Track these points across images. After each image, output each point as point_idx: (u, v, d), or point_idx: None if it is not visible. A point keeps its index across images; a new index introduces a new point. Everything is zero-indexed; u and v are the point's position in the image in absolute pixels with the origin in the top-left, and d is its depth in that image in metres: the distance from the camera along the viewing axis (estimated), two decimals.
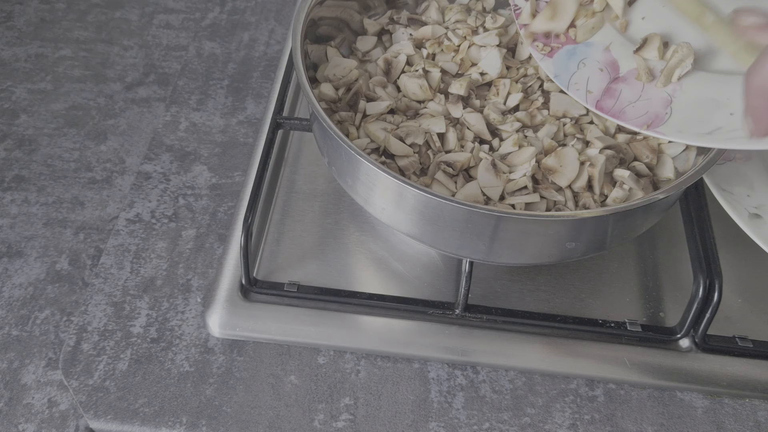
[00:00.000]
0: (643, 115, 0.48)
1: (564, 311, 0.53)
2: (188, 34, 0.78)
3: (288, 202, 0.59)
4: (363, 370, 0.50)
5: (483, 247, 0.45)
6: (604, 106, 0.50)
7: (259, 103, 0.69)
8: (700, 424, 0.49)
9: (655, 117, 0.47)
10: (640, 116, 0.48)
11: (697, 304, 0.49)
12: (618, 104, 0.49)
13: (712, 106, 0.46)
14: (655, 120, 0.47)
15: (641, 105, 0.49)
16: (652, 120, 0.47)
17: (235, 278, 0.53)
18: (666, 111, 0.47)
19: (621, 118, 0.49)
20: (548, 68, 0.53)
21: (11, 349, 0.52)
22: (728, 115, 0.45)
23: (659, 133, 0.47)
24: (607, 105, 0.50)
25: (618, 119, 0.49)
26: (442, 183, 0.48)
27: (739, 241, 0.53)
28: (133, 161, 0.65)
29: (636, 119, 0.48)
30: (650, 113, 0.48)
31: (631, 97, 0.49)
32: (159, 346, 0.51)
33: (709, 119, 0.46)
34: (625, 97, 0.50)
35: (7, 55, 0.74)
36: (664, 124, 0.47)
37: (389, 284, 0.54)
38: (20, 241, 0.58)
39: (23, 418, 0.49)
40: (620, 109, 0.49)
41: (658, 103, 0.48)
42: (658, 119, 0.47)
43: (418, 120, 0.52)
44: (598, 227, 0.45)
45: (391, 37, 0.61)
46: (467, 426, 0.48)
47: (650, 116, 0.48)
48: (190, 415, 0.48)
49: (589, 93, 0.51)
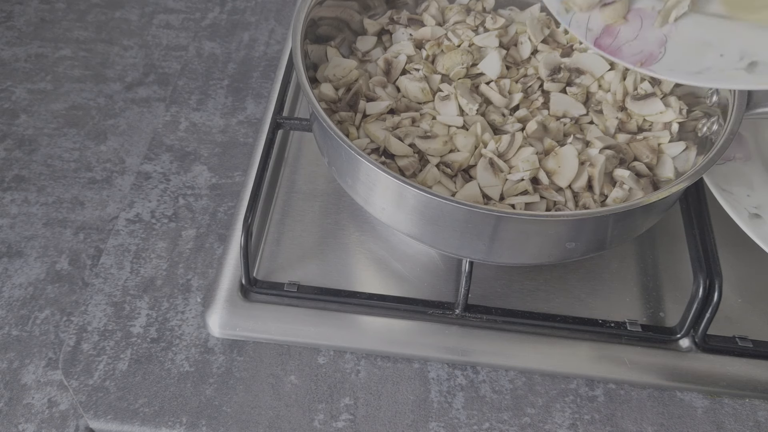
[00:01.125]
0: (638, 54, 0.49)
1: (564, 311, 0.53)
2: (188, 34, 0.78)
3: (288, 202, 0.59)
4: (363, 370, 0.50)
5: (483, 247, 0.45)
6: (602, 43, 0.51)
7: (259, 103, 0.69)
8: (700, 424, 0.49)
9: (649, 55, 0.49)
10: (635, 54, 0.49)
11: (697, 304, 0.49)
12: (615, 42, 0.51)
13: (704, 48, 0.47)
14: (649, 58, 0.49)
15: (637, 44, 0.50)
16: (646, 58, 0.49)
17: (235, 278, 0.53)
18: (660, 50, 0.49)
19: (617, 55, 0.50)
20: (551, 4, 0.54)
21: (11, 349, 0.52)
22: (718, 56, 0.46)
23: (651, 70, 0.48)
24: (605, 42, 0.51)
25: (614, 56, 0.50)
26: (441, 183, 0.48)
27: (739, 241, 0.53)
28: (133, 161, 0.65)
29: (631, 57, 0.49)
30: (645, 52, 0.49)
31: (629, 35, 0.50)
32: (159, 346, 0.51)
33: (700, 60, 0.47)
34: (623, 35, 0.51)
35: (7, 55, 0.74)
36: (657, 63, 0.48)
37: (389, 284, 0.54)
38: (20, 241, 0.58)
39: (23, 418, 0.49)
40: (617, 47, 0.50)
41: (653, 43, 0.49)
42: (651, 57, 0.49)
43: (421, 122, 0.52)
44: (598, 227, 0.45)
45: (391, 37, 0.61)
46: (467, 426, 0.48)
47: (644, 55, 0.49)
48: (190, 415, 0.48)
49: (588, 31, 0.52)
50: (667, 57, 0.48)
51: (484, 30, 0.59)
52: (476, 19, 0.59)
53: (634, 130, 0.53)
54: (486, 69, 0.56)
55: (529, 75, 0.57)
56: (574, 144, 0.50)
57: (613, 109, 0.54)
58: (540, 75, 0.56)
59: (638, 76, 0.55)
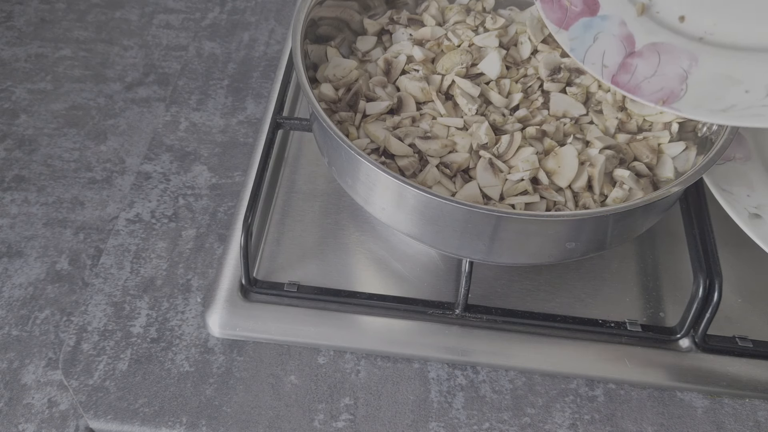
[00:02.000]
0: (659, 91, 0.48)
1: (564, 311, 0.53)
2: (188, 34, 0.78)
3: (288, 202, 0.59)
4: (363, 370, 0.50)
5: (483, 247, 0.45)
6: (620, 80, 0.50)
7: (259, 103, 0.69)
8: (700, 424, 0.49)
9: (671, 93, 0.47)
10: (656, 92, 0.48)
11: (697, 304, 0.49)
12: (634, 79, 0.49)
13: (728, 83, 0.46)
14: (671, 96, 0.47)
15: (657, 80, 0.48)
16: (668, 96, 0.47)
17: (235, 278, 0.53)
18: (682, 87, 0.47)
19: (637, 93, 0.49)
20: (564, 41, 0.53)
21: (11, 349, 0.52)
22: (744, 92, 0.45)
23: (675, 109, 0.46)
24: (623, 80, 0.50)
25: (634, 94, 0.49)
26: (441, 183, 0.48)
27: (739, 241, 0.53)
28: (133, 161, 0.65)
29: (651, 95, 0.48)
30: (666, 89, 0.48)
31: (647, 72, 0.49)
32: (159, 346, 0.51)
33: (724, 96, 0.45)
34: (641, 72, 0.49)
35: (7, 55, 0.74)
36: (680, 101, 0.47)
37: (389, 284, 0.54)
38: (20, 241, 0.58)
39: (23, 418, 0.49)
40: (636, 84, 0.49)
41: (673, 79, 0.48)
42: (673, 95, 0.47)
43: (421, 122, 0.52)
44: (598, 227, 0.45)
45: (391, 37, 0.61)
46: (467, 426, 0.48)
47: (666, 92, 0.47)
48: (190, 415, 0.48)
49: (604, 67, 0.51)
50: (690, 94, 0.47)
51: (484, 30, 0.59)
52: (476, 19, 0.59)
53: (634, 130, 0.53)
54: (486, 69, 0.56)
55: (529, 75, 0.56)
56: (574, 144, 0.50)
57: (613, 109, 0.54)
58: (540, 75, 0.56)
59: None
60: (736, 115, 0.44)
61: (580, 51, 0.52)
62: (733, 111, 0.44)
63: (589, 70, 0.51)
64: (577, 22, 0.53)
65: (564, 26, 0.53)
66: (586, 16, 0.53)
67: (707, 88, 0.46)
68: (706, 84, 0.47)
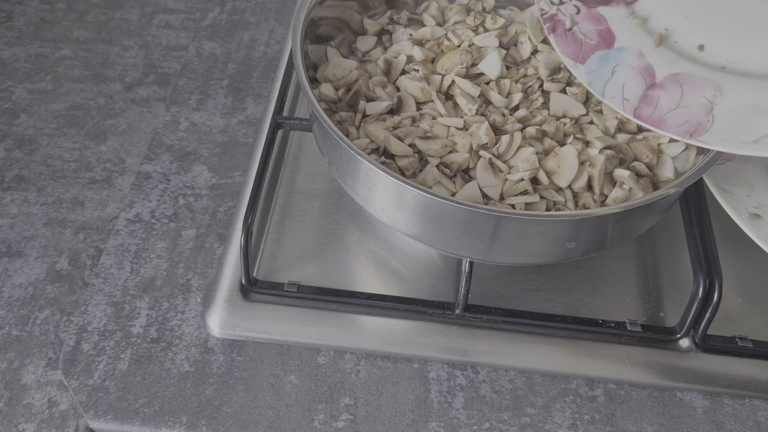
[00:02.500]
0: (684, 124, 0.46)
1: (564, 311, 0.53)
2: (188, 34, 0.78)
3: (288, 202, 0.59)
4: (363, 370, 0.50)
5: (483, 247, 0.45)
6: (643, 114, 0.48)
7: (259, 103, 0.69)
8: (700, 424, 0.49)
9: (697, 125, 0.46)
10: (681, 125, 0.46)
11: (697, 304, 0.49)
12: (657, 112, 0.48)
13: (755, 113, 0.45)
14: (698, 128, 0.46)
15: (681, 112, 0.47)
16: (694, 128, 0.46)
17: (235, 278, 0.53)
18: (708, 118, 0.46)
19: (661, 127, 0.47)
20: (581, 76, 0.52)
21: (11, 349, 0.52)
22: None
23: (703, 142, 0.45)
24: (646, 113, 0.48)
25: (658, 128, 0.47)
26: (441, 183, 0.48)
27: (739, 241, 0.53)
28: (133, 161, 0.65)
29: (677, 128, 0.46)
30: (691, 121, 0.46)
31: (670, 104, 0.48)
32: (159, 346, 0.51)
33: (753, 126, 0.44)
34: (664, 104, 0.48)
35: (7, 55, 0.74)
36: (707, 132, 0.45)
37: (389, 284, 0.54)
38: (20, 241, 0.58)
39: (23, 418, 0.49)
40: (659, 117, 0.47)
41: (698, 110, 0.46)
42: (700, 127, 0.46)
43: (421, 122, 0.52)
44: (598, 227, 0.45)
45: (391, 37, 0.61)
46: (467, 426, 0.48)
47: (692, 124, 0.46)
48: (190, 415, 0.48)
49: (626, 101, 0.49)
50: (717, 125, 0.45)
51: (484, 30, 0.59)
52: (476, 19, 0.59)
53: (634, 130, 0.53)
54: (486, 69, 0.56)
55: (529, 75, 0.56)
56: (574, 144, 0.50)
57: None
58: (540, 75, 0.56)
59: None
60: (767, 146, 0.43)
61: (598, 85, 0.51)
62: (764, 141, 0.43)
63: (610, 104, 0.50)
64: (594, 55, 0.52)
65: (580, 60, 0.52)
66: (603, 49, 0.52)
67: (735, 119, 0.45)
68: (733, 114, 0.45)
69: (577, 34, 0.53)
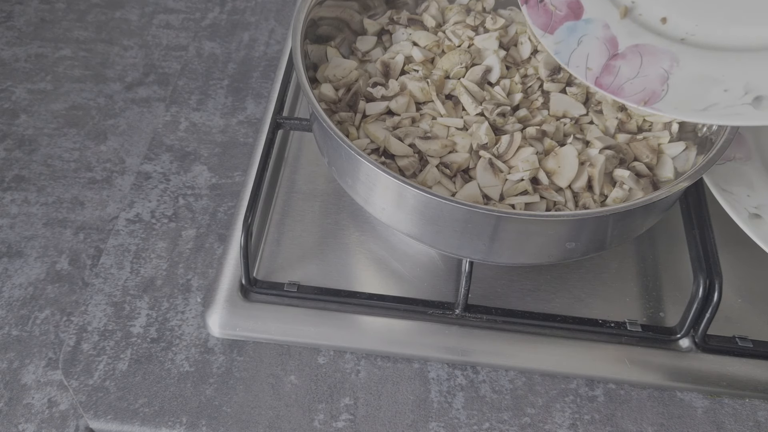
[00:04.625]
0: (641, 92, 0.49)
1: (564, 311, 0.53)
2: (188, 34, 0.78)
3: (288, 202, 0.59)
4: (363, 370, 0.50)
5: (483, 247, 0.45)
6: (603, 82, 0.50)
7: (259, 103, 0.69)
8: (700, 424, 0.49)
9: (652, 93, 0.48)
10: (638, 93, 0.49)
11: (697, 304, 0.49)
12: (617, 81, 0.50)
13: (708, 83, 0.47)
14: (652, 96, 0.48)
15: (639, 81, 0.49)
16: (649, 96, 0.48)
17: (235, 278, 0.53)
18: (663, 88, 0.48)
19: (619, 94, 0.49)
20: (549, 45, 0.54)
21: (11, 349, 0.52)
22: (722, 92, 0.46)
23: (656, 109, 0.47)
24: (606, 82, 0.50)
25: (617, 96, 0.49)
26: (441, 183, 0.48)
27: (739, 241, 0.53)
28: (133, 161, 0.65)
29: (634, 96, 0.49)
30: (647, 90, 0.48)
31: (630, 73, 0.50)
32: (159, 346, 0.51)
33: (704, 96, 0.46)
34: (624, 73, 0.50)
35: (7, 55, 0.74)
36: (661, 101, 0.48)
37: (389, 284, 0.54)
38: (20, 241, 0.58)
39: (23, 418, 0.49)
40: (619, 85, 0.50)
41: (655, 80, 0.49)
42: (654, 96, 0.48)
43: (421, 122, 0.52)
44: (598, 227, 0.45)
45: (391, 37, 0.61)
46: (467, 426, 0.48)
47: (647, 93, 0.48)
48: (190, 415, 0.48)
49: (588, 70, 0.51)
50: (671, 94, 0.48)
51: (484, 30, 0.59)
52: (476, 19, 0.59)
53: (634, 130, 0.53)
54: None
55: (529, 75, 0.56)
56: (574, 144, 0.50)
57: (613, 109, 0.54)
58: (540, 75, 0.56)
59: None
60: (715, 114, 0.45)
61: (564, 54, 0.53)
62: (713, 110, 0.45)
63: (573, 72, 0.52)
64: (562, 26, 0.54)
65: (549, 30, 0.54)
66: (571, 20, 0.54)
67: (688, 88, 0.47)
68: (687, 84, 0.48)
69: (548, 6, 0.55)
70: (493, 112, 0.52)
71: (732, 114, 0.45)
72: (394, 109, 0.53)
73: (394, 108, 0.53)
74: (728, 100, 0.45)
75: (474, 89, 0.54)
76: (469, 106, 0.53)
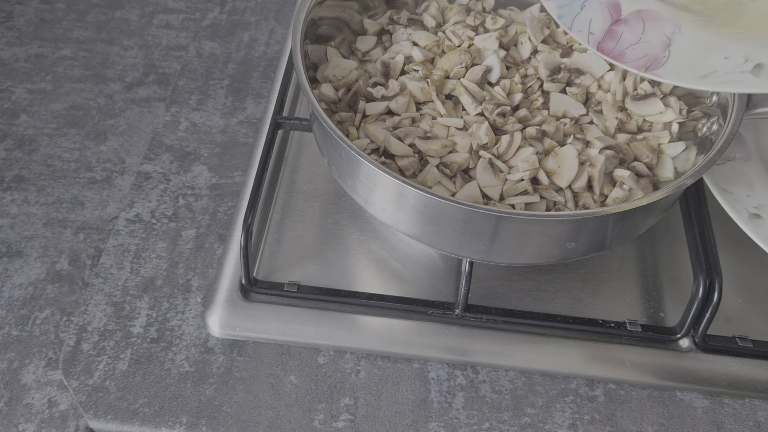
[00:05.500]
0: (642, 58, 0.49)
1: (564, 311, 0.53)
2: (188, 34, 0.78)
3: (288, 202, 0.59)
4: (363, 370, 0.50)
5: (483, 247, 0.45)
6: (606, 47, 0.51)
7: (259, 103, 0.69)
8: (700, 424, 0.49)
9: (654, 59, 0.48)
10: (639, 58, 0.49)
11: (697, 304, 0.49)
12: (618, 46, 0.50)
13: (709, 50, 0.47)
14: (654, 62, 0.48)
15: (641, 47, 0.50)
16: (651, 62, 0.48)
17: (235, 278, 0.53)
18: (664, 54, 0.48)
19: (621, 60, 0.50)
20: (552, 9, 0.54)
21: (11, 349, 0.52)
22: (723, 59, 0.46)
23: (656, 75, 0.48)
24: (608, 47, 0.51)
25: (618, 61, 0.50)
26: (441, 183, 0.48)
27: (739, 241, 0.53)
28: (133, 161, 0.65)
29: (635, 61, 0.49)
30: (649, 55, 0.49)
31: (632, 39, 0.50)
32: (159, 346, 0.51)
33: (705, 63, 0.47)
34: (626, 39, 0.51)
35: (7, 55, 0.74)
36: (662, 67, 0.48)
37: (389, 284, 0.54)
38: (20, 241, 0.58)
39: (23, 418, 0.49)
40: (620, 51, 0.50)
41: (657, 46, 0.49)
42: (656, 61, 0.48)
43: (421, 122, 0.52)
44: (598, 227, 0.45)
45: (391, 37, 0.61)
46: (467, 426, 0.48)
47: (649, 59, 0.49)
48: (190, 415, 0.48)
49: (591, 35, 0.52)
50: (672, 61, 0.48)
51: (484, 30, 0.59)
52: (476, 19, 0.59)
53: (634, 130, 0.53)
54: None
55: (529, 75, 0.56)
56: (574, 144, 0.50)
57: (613, 109, 0.54)
58: (540, 75, 0.56)
59: (638, 76, 0.55)
60: (715, 81, 0.45)
61: (567, 18, 0.53)
62: (713, 77, 0.46)
63: (576, 37, 0.52)
64: None
65: None
66: None
67: (689, 55, 0.48)
68: (688, 51, 0.48)
69: None
70: (493, 112, 0.52)
71: (732, 81, 0.45)
72: (394, 109, 0.53)
73: (394, 108, 0.53)
74: (728, 68, 0.45)
75: (474, 89, 0.54)
76: (469, 106, 0.53)
